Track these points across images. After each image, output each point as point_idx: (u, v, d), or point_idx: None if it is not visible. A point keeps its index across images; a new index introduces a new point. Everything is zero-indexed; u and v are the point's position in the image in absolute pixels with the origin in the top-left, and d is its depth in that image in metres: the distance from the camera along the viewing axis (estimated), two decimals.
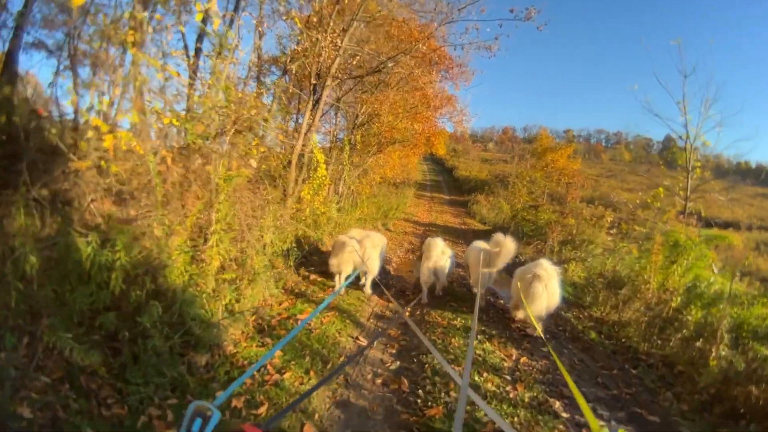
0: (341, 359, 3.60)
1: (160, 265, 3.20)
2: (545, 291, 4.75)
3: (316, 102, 7.96)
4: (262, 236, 4.47)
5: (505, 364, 4.00)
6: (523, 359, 4.21)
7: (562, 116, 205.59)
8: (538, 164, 22.63)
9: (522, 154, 27.63)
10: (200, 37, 6.58)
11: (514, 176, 20.59)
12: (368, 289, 5.85)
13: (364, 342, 4.09)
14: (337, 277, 5.65)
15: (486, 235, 7.24)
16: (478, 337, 4.52)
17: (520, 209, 15.97)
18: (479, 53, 8.72)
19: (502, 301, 6.28)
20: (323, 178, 8.12)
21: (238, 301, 3.97)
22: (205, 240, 3.34)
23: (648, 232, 7.68)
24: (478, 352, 4.10)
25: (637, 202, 11.07)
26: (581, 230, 11.84)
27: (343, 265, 5.47)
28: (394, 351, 4.04)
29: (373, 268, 5.76)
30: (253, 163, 4.35)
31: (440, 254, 5.73)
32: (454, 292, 6.22)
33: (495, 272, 5.80)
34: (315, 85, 8.04)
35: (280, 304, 4.63)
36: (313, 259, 7.02)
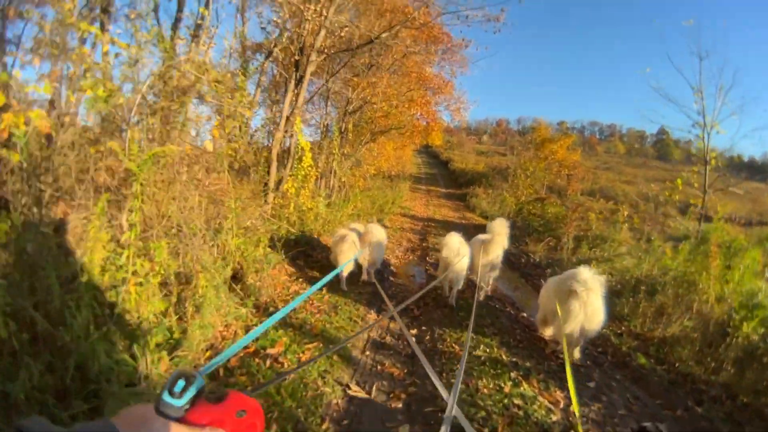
0: (324, 426, 2.46)
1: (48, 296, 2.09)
2: (583, 310, 3.68)
3: (300, 80, 6.81)
4: (222, 242, 3.34)
5: (553, 418, 2.92)
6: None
7: (555, 108, 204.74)
8: (538, 155, 21.55)
9: (523, 144, 26.57)
10: (175, 23, 6.14)
11: (516, 167, 19.41)
12: (365, 276, 5.81)
13: (358, 392, 2.91)
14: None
15: None
16: (511, 374, 3.40)
17: (525, 202, 14.88)
18: (483, 28, 7.74)
19: (524, 314, 5.21)
20: (309, 168, 6.97)
21: (184, 332, 2.86)
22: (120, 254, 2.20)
23: (686, 230, 6.70)
24: (516, 401, 2.98)
25: (655, 194, 10.16)
26: (594, 225, 10.83)
27: (345, 258, 5.24)
28: (400, 404, 2.87)
29: (376, 261, 5.75)
30: (208, 146, 3.23)
31: (454, 256, 4.90)
32: (469, 305, 5.09)
33: (498, 261, 5.48)
34: (298, 61, 6.89)
35: (246, 332, 3.50)
36: (298, 264, 5.94)
